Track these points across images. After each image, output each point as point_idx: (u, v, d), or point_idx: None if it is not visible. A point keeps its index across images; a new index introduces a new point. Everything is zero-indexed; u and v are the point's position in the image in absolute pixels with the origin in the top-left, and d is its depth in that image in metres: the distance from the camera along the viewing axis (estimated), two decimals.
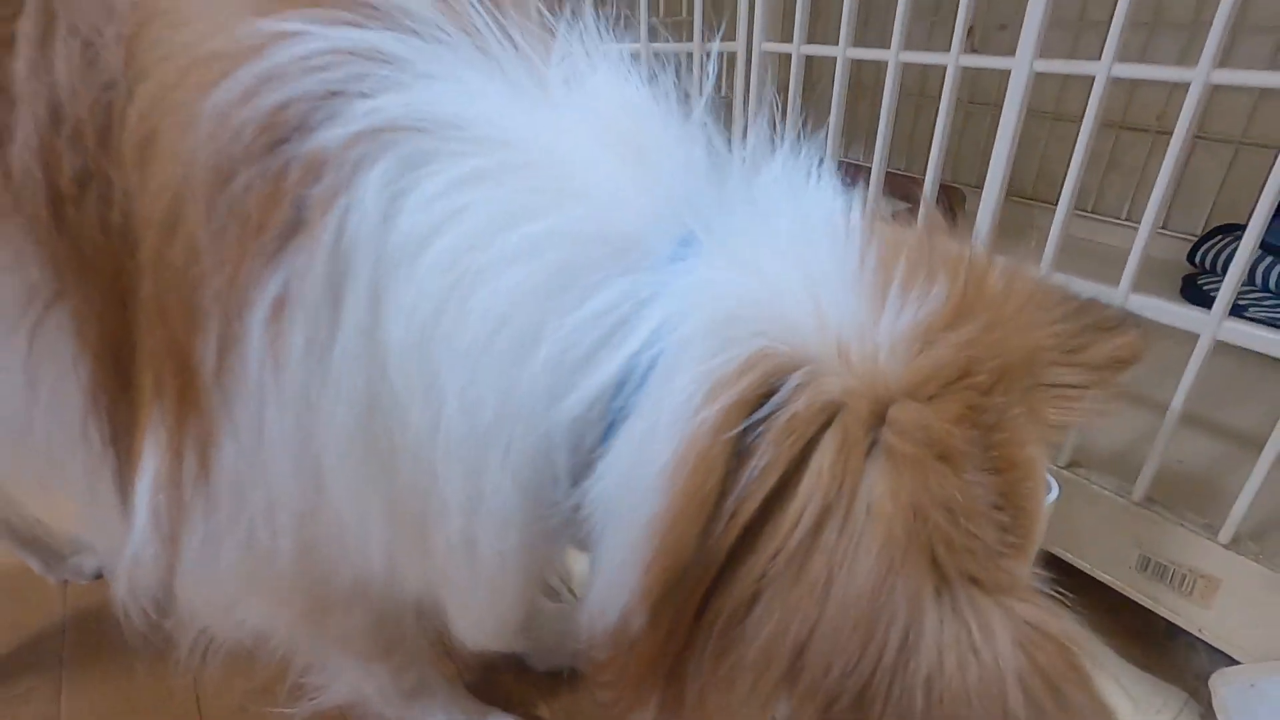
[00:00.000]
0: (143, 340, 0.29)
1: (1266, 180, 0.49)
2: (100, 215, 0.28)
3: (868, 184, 0.74)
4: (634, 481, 0.28)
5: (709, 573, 0.27)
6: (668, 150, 0.31)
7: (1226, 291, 0.53)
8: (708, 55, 0.77)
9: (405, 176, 0.28)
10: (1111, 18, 0.52)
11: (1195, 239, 1.13)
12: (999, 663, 0.25)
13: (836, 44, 0.70)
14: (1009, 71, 0.59)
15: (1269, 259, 1.02)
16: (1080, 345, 0.35)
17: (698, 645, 0.28)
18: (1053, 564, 0.67)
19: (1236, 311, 0.96)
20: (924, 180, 0.68)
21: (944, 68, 0.63)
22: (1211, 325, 0.53)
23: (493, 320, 0.28)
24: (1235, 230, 1.11)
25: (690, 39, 0.88)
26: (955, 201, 1.35)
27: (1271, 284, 1.01)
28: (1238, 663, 0.57)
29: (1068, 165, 0.57)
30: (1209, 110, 1.15)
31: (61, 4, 0.28)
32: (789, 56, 0.77)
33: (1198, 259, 1.10)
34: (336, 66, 0.28)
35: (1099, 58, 0.53)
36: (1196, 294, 1.04)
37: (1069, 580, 0.71)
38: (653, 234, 0.30)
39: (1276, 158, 0.48)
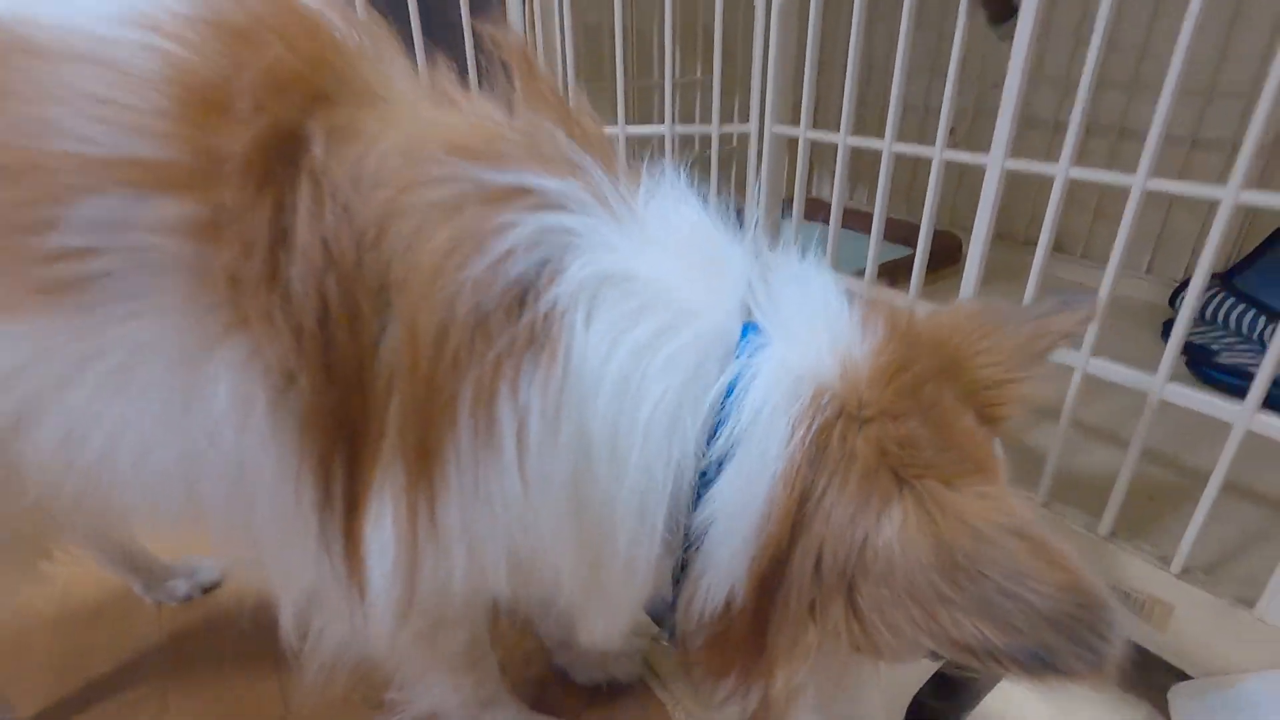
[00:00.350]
0: (384, 423, 0.41)
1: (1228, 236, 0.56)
2: (351, 328, 0.40)
3: (870, 229, 0.84)
4: (746, 497, 0.41)
5: (792, 548, 0.40)
6: (731, 263, 0.45)
7: (1169, 357, 0.61)
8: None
9: (591, 318, 0.41)
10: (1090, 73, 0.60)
11: (1177, 284, 1.22)
12: (932, 519, 0.37)
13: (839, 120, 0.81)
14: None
15: (1241, 305, 1.10)
16: (1006, 344, 0.47)
17: (778, 600, 0.41)
18: None
19: (1208, 356, 1.05)
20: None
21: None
22: (1158, 385, 0.62)
23: (654, 414, 0.41)
24: (1212, 278, 1.20)
25: (708, 121, 0.99)
26: (952, 247, 1.44)
27: (1244, 329, 1.09)
28: (1191, 678, 0.65)
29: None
30: (1184, 166, 1.24)
31: (324, 178, 0.40)
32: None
33: (1177, 304, 1.19)
34: (544, 244, 0.41)
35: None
36: None
37: None
38: (735, 328, 0.43)
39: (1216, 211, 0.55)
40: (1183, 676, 0.66)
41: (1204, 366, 1.06)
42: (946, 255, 1.41)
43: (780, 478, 0.39)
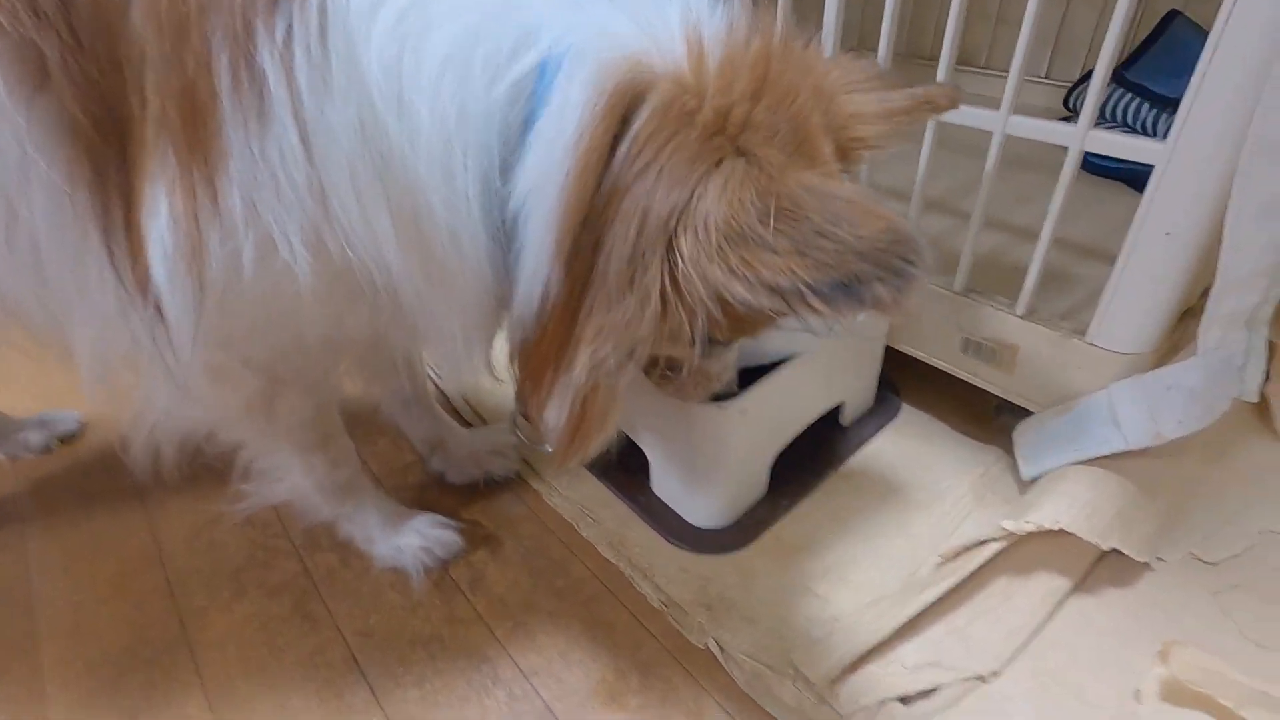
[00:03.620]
0: (145, 96, 0.35)
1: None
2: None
3: None
4: (547, 160, 0.37)
5: (602, 219, 0.37)
6: None
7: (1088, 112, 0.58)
8: None
9: None
10: None
11: (1072, 84, 1.20)
12: (764, 173, 0.36)
13: None
14: None
15: (1129, 96, 1.10)
16: (873, 89, 0.45)
17: (594, 278, 0.38)
18: (900, 359, 0.78)
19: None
20: None
21: None
22: (1000, 123, 0.61)
23: (443, 59, 0.37)
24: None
25: None
26: None
27: (1129, 118, 1.09)
28: (1032, 414, 0.69)
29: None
30: None
31: None
32: None
33: (1071, 103, 1.18)
34: None
35: None
36: None
37: (922, 376, 0.80)
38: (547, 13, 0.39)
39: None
40: (1026, 415, 0.69)
41: (1089, 156, 1.06)
42: None
43: (578, 143, 0.36)
